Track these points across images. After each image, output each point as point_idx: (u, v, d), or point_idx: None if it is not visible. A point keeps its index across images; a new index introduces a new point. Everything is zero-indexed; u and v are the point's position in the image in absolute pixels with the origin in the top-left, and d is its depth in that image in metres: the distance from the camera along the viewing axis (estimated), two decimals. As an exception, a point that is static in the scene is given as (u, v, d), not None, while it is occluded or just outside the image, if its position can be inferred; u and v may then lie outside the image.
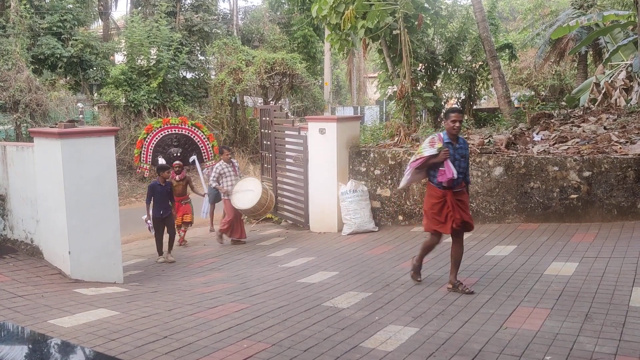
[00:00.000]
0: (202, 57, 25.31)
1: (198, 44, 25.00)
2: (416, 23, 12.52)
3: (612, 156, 8.02)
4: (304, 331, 4.78)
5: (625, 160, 7.87)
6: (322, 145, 10.11)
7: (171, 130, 11.53)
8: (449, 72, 17.20)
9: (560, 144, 9.07)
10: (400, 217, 9.77)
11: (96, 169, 7.12)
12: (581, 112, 11.92)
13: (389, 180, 9.84)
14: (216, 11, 27.38)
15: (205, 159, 12.01)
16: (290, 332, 4.78)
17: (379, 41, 13.28)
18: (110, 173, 7.35)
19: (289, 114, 22.67)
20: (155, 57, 21.13)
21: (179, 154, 11.55)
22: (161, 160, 10.64)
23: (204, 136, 11.98)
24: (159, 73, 20.83)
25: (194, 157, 11.70)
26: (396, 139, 10.88)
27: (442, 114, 9.17)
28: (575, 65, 22.01)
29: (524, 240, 7.59)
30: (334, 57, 28.70)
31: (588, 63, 21.46)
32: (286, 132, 11.34)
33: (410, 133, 11.08)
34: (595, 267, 5.97)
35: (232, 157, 10.82)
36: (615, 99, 13.32)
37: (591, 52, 20.90)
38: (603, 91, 13.74)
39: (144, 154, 11.46)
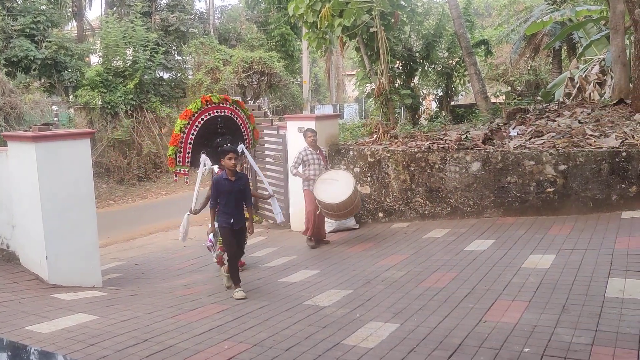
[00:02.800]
0: (179, 57, 25.12)
1: (174, 44, 24.80)
2: (392, 20, 12.60)
3: (586, 150, 8.15)
4: (285, 330, 4.78)
5: (600, 154, 8.00)
6: (301, 143, 10.08)
7: (213, 112, 7.82)
8: (426, 68, 17.35)
9: (536, 139, 9.19)
10: (381, 214, 9.82)
11: (72, 172, 7.03)
12: (556, 107, 12.09)
13: (369, 178, 9.88)
14: (192, 11, 27.19)
15: (247, 147, 8.77)
16: (272, 331, 4.78)
17: (356, 39, 13.33)
18: (87, 176, 7.26)
19: (268, 113, 22.68)
20: (131, 57, 20.93)
21: (228, 144, 7.95)
22: (204, 159, 7.52)
23: (245, 117, 8.58)
24: (135, 74, 20.63)
25: (242, 146, 8.04)
26: (375, 136, 10.93)
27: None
28: (550, 60, 22.31)
29: (502, 234, 7.68)
30: (312, 55, 28.72)
31: (562, 58, 21.77)
32: (265, 131, 11.30)
33: (389, 130, 11.12)
34: (571, 259, 6.06)
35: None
36: (590, 93, 13.55)
37: (565, 47, 21.20)
38: (577, 85, 13.97)
39: (180, 152, 7.67)
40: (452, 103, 20.43)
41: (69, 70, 20.90)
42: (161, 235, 12.51)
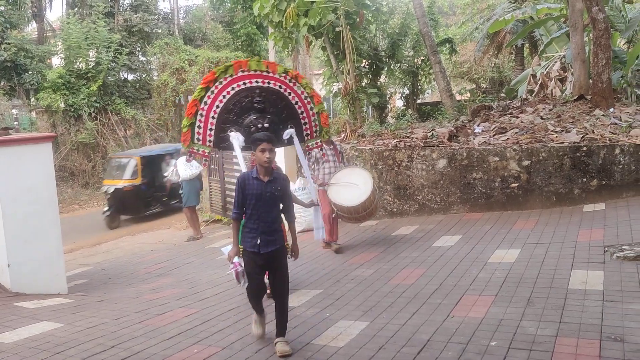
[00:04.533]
0: (143, 58, 24.76)
1: (139, 45, 24.43)
2: (358, 20, 12.65)
3: (549, 145, 8.33)
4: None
5: (562, 149, 8.18)
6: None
7: (251, 82, 6.02)
8: (392, 67, 17.46)
9: (500, 135, 9.35)
10: (349, 213, 9.83)
11: (34, 177, 6.87)
12: (519, 103, 12.31)
13: (337, 177, 9.88)
14: (156, 11, 26.80)
15: (307, 135, 6.62)
16: (242, 334, 4.75)
17: (322, 38, 13.35)
18: (49, 181, 7.10)
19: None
20: (94, 59, 20.55)
21: (266, 126, 6.00)
22: (235, 136, 5.88)
23: (306, 95, 6.42)
24: (98, 75, 20.28)
25: (291, 132, 6.25)
26: (342, 135, 10.97)
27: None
28: (513, 57, 22.71)
29: (469, 229, 7.78)
30: (279, 55, 28.60)
31: (525, 55, 22.17)
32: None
33: (357, 129, 11.18)
34: (536, 252, 6.18)
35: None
36: (551, 90, 13.83)
37: (527, 45, 21.59)
38: (539, 82, 14.24)
39: (200, 126, 5.92)
40: (418, 101, 20.63)
41: (30, 72, 20.41)
42: (128, 239, 12.32)
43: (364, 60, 16.05)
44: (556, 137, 8.61)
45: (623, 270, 5.21)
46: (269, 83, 6.11)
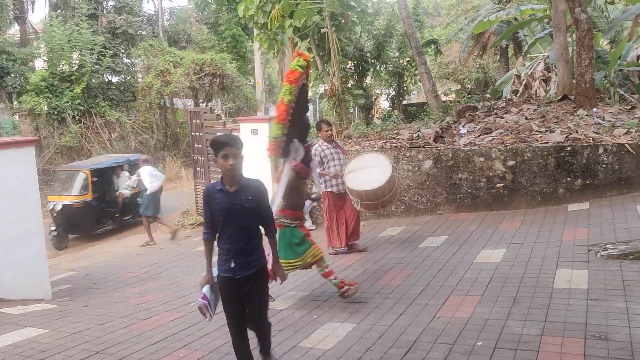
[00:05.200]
0: (127, 60, 24.62)
1: (123, 47, 24.28)
2: (343, 21, 12.66)
3: (533, 145, 8.38)
4: (242, 335, 4.73)
5: (546, 149, 8.24)
6: (254, 146, 9.98)
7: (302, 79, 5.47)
8: (377, 68, 17.50)
9: (485, 135, 9.40)
10: (336, 214, 9.83)
11: (16, 181, 6.79)
12: (504, 104, 12.38)
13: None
14: (140, 12, 26.67)
15: None
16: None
17: (308, 40, 13.34)
18: (32, 185, 7.03)
19: (222, 115, 22.46)
20: (77, 61, 20.38)
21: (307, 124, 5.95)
22: (297, 146, 5.46)
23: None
24: (82, 78, 20.11)
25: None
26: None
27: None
28: (498, 58, 22.86)
29: (455, 230, 7.81)
30: (264, 56, 28.58)
31: (509, 56, 22.33)
32: (218, 134, 11.18)
33: (343, 130, 11.20)
34: (521, 252, 6.22)
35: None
36: (536, 90, 13.94)
37: (511, 45, 21.74)
38: (524, 82, 14.35)
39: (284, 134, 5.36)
40: (404, 102, 20.70)
41: (12, 75, 20.19)
42: (113, 243, 12.22)
43: (349, 62, 16.08)
44: (540, 137, 8.67)
45: (607, 269, 5.26)
46: (304, 79, 5.51)
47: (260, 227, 3.86)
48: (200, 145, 11.73)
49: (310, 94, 15.95)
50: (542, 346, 3.88)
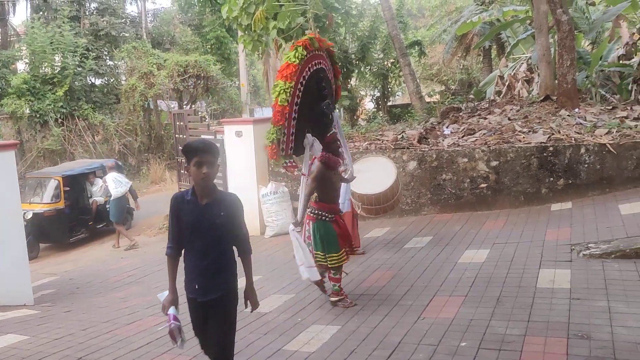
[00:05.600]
0: (110, 62, 24.40)
1: (106, 49, 24.06)
2: (327, 23, 12.66)
3: (516, 145, 8.44)
4: (226, 339, 4.70)
5: (529, 149, 8.31)
6: (239, 148, 9.99)
7: (313, 65, 5.16)
8: (362, 70, 17.53)
9: (469, 136, 9.45)
10: (322, 216, 9.82)
11: (-4, 186, 6.69)
12: (487, 105, 12.47)
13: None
14: (123, 14, 26.46)
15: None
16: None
17: (292, 41, 13.31)
18: (13, 189, 6.95)
19: (206, 117, 22.37)
20: (59, 64, 20.16)
21: (332, 112, 5.34)
22: (310, 140, 5.16)
23: (331, 68, 5.70)
24: (64, 81, 19.89)
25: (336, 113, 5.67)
26: (313, 138, 10.95)
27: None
28: (481, 59, 23.02)
29: (439, 230, 7.84)
30: (249, 58, 28.51)
31: (492, 57, 22.50)
32: (202, 136, 11.11)
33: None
34: (505, 252, 6.25)
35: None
36: (518, 91, 14.06)
37: (494, 46, 21.91)
38: (507, 83, 14.46)
39: (285, 132, 5.05)
40: (389, 103, 20.77)
41: (-7, 78, 19.93)
42: (97, 247, 12.09)
43: (334, 63, 16.11)
44: (523, 137, 8.73)
45: (589, 268, 5.30)
46: (321, 63, 5.11)
47: (234, 247, 3.43)
48: (184, 148, 11.64)
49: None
50: (526, 346, 3.90)
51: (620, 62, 13.47)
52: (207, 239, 3.28)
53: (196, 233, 3.26)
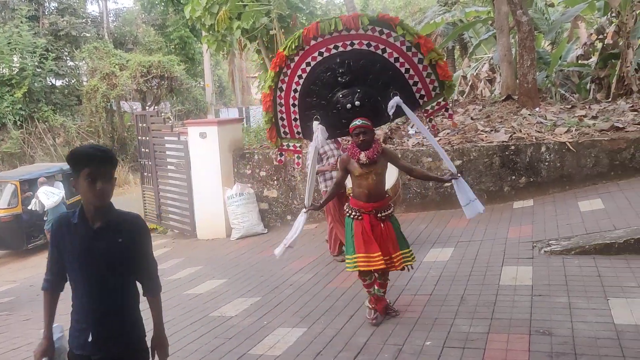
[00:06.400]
0: (71, 63, 23.92)
1: (66, 49, 23.57)
2: (291, 23, 12.62)
3: (479, 145, 8.55)
4: (190, 345, 4.64)
5: (491, 148, 8.43)
6: (204, 149, 9.88)
7: (329, 50, 4.55)
8: (327, 70, 17.51)
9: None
10: (289, 217, 9.79)
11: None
12: (451, 104, 12.62)
13: (275, 181, 9.83)
14: (84, 14, 25.94)
15: (423, 98, 4.76)
16: (176, 347, 4.61)
17: (256, 41, 13.24)
18: (-33, 195, 6.70)
19: (171, 118, 22.08)
20: (18, 65, 19.63)
21: (357, 104, 4.54)
22: (316, 128, 4.67)
23: (409, 44, 4.51)
24: (23, 82, 19.41)
25: (396, 101, 4.53)
26: (279, 139, 10.90)
27: None
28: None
29: (405, 229, 7.75)
30: (214, 58, 28.27)
31: (456, 57, 22.82)
32: (165, 137, 10.97)
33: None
34: (469, 250, 6.33)
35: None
36: (481, 90, 14.29)
37: (458, 47, 22.22)
38: (470, 83, 14.69)
39: (284, 117, 4.81)
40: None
41: (-53, 80, 19.29)
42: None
43: (299, 63, 16.08)
44: (486, 136, 8.86)
45: (550, 265, 5.40)
46: (352, 45, 4.48)
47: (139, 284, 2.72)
48: (147, 150, 11.48)
49: (260, 95, 15.84)
50: (489, 343, 3.95)
51: (579, 62, 13.82)
52: (101, 274, 2.52)
53: (86, 266, 2.52)
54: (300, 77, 4.62)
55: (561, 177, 8.04)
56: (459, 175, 4.70)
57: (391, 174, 6.44)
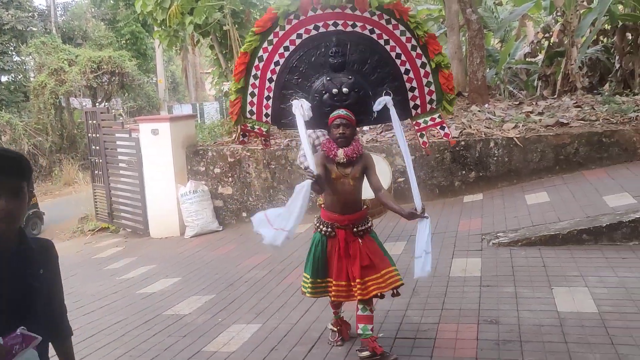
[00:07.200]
0: (17, 58, 23.11)
1: (12, 44, 22.75)
2: (245, 18, 12.53)
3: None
4: (142, 344, 4.58)
5: (442, 144, 8.60)
6: (156, 146, 9.73)
7: (326, 25, 3.87)
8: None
9: (386, 132, 9.66)
10: (244, 214, 9.75)
11: None
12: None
13: (230, 178, 9.77)
14: (30, 7, 25.07)
15: (417, 108, 4.17)
16: (128, 347, 4.55)
17: (210, 37, 13.10)
18: None
19: (122, 114, 21.62)
20: (-41, 59, 18.87)
21: (345, 92, 3.87)
22: (298, 104, 3.84)
23: (415, 43, 3.91)
24: (-35, 77, 18.65)
25: (385, 100, 3.87)
26: (234, 135, 10.83)
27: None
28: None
29: (360, 225, 7.96)
30: (167, 54, 27.82)
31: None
32: (116, 135, 10.73)
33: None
34: (421, 244, 6.44)
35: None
36: (433, 87, 14.50)
37: (411, 44, 22.54)
38: (422, 80, 14.91)
39: (255, 93, 4.05)
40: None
41: None
42: None
43: (254, 59, 15.99)
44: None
45: (498, 256, 5.57)
46: (353, 26, 3.87)
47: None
48: (97, 147, 11.20)
49: (214, 91, 15.70)
50: (439, 333, 4.05)
51: (527, 59, 14.25)
52: (10, 314, 1.86)
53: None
54: (286, 48, 3.93)
55: (509, 172, 8.28)
56: (426, 215, 3.96)
57: (385, 174, 6.24)
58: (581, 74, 12.42)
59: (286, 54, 3.92)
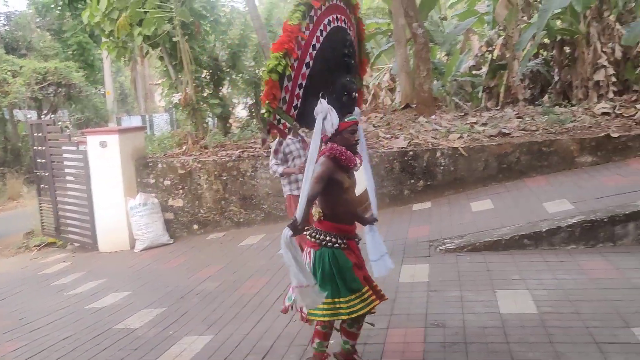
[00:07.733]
0: (-44, 69, 22.18)
1: (-50, 54, 21.85)
2: (195, 30, 12.52)
3: (380, 151, 8.91)
4: (92, 359, 4.52)
5: (392, 154, 8.81)
6: (104, 159, 9.58)
7: (341, 20, 3.75)
8: (234, 77, 17.47)
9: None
10: (196, 226, 9.70)
11: None
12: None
13: (180, 190, 9.70)
14: (-30, 17, 24.22)
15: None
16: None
17: (159, 48, 13.00)
18: None
19: (69, 127, 21.07)
20: None
21: (355, 96, 3.74)
22: (322, 108, 3.45)
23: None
24: None
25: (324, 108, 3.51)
26: (184, 147, 10.78)
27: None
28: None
29: (312, 235, 8.05)
30: (115, 65, 27.32)
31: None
32: (63, 147, 10.50)
33: (199, 140, 11.06)
34: (371, 252, 6.58)
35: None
36: (383, 99, 14.85)
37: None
38: (372, 92, 15.22)
39: (291, 77, 3.50)
40: (262, 111, 20.88)
41: None
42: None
43: (204, 71, 15.91)
44: (386, 143, 9.24)
45: (445, 262, 5.77)
46: (351, 28, 3.81)
47: None
48: (44, 161, 10.92)
49: (164, 102, 15.53)
50: (388, 338, 4.18)
51: (471, 72, 14.74)
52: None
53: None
54: (322, 32, 3.59)
55: (455, 180, 8.55)
56: (375, 220, 3.92)
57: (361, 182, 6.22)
58: (522, 86, 12.94)
59: (321, 38, 3.59)
